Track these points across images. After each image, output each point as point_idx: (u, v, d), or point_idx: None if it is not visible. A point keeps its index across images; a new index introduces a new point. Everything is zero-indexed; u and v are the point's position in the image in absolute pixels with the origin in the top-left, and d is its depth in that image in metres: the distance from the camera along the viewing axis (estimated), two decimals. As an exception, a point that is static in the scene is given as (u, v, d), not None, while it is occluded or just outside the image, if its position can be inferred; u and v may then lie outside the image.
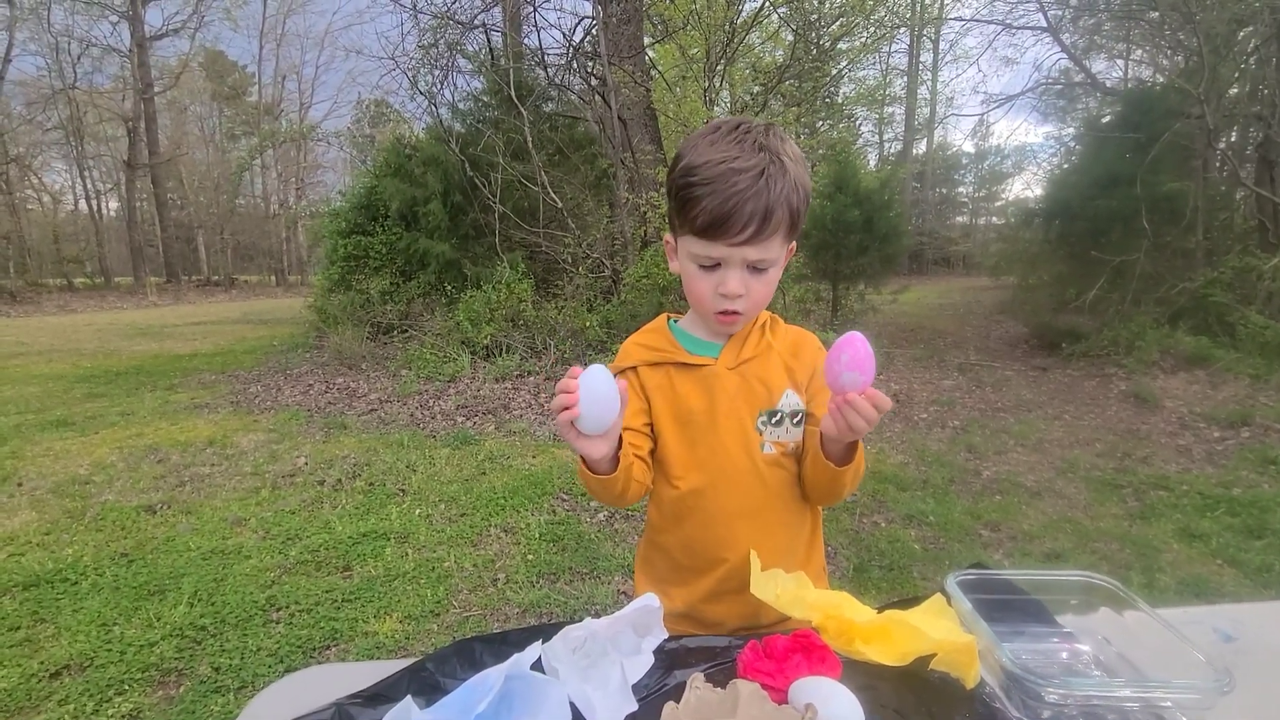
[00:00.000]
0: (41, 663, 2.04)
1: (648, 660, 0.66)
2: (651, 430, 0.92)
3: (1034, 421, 4.70)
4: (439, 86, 7.29)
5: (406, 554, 2.77)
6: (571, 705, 0.58)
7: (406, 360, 6.31)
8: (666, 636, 0.71)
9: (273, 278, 26.40)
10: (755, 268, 0.80)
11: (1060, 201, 7.35)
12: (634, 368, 0.92)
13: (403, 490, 3.49)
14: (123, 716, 1.82)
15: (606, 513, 3.17)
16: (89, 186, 22.84)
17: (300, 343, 8.11)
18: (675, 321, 0.95)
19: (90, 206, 23.03)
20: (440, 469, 3.80)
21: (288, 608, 2.35)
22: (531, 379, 5.66)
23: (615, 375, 0.72)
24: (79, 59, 19.85)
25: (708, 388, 0.88)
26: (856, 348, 0.66)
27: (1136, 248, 6.24)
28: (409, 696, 0.55)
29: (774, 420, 0.88)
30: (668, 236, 0.89)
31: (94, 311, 15.21)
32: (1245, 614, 0.77)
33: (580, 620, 0.67)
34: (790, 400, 0.89)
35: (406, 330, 6.95)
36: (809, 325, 6.49)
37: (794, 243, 0.86)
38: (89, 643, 2.13)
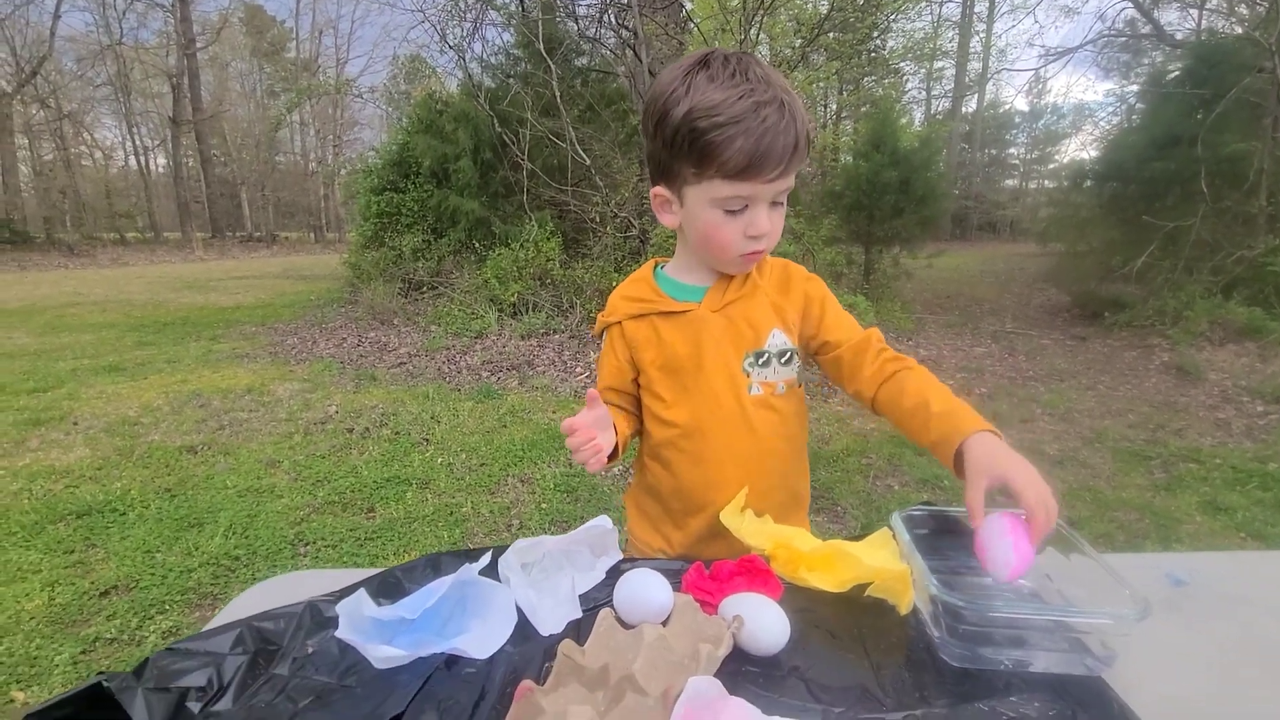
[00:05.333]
0: (92, 582, 2.22)
1: (599, 577, 0.70)
2: (635, 381, 0.94)
3: (1065, 391, 4.58)
4: (468, 40, 7.22)
5: (427, 499, 2.89)
6: (520, 611, 0.62)
7: (436, 316, 6.44)
8: (621, 558, 0.74)
9: (311, 234, 27.02)
10: (775, 202, 0.79)
11: (1115, 163, 6.97)
12: (619, 323, 0.92)
13: (426, 440, 3.62)
14: (163, 632, 1.98)
15: (621, 466, 3.23)
16: (137, 143, 23.51)
17: (336, 297, 8.33)
18: (662, 268, 0.94)
19: (139, 163, 23.75)
20: (463, 421, 3.92)
21: (314, 543, 2.49)
22: (556, 337, 5.73)
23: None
24: (124, 14, 20.22)
25: (693, 333, 0.87)
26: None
27: (1193, 213, 5.90)
28: (362, 590, 0.60)
29: (761, 361, 0.87)
30: (657, 189, 0.84)
31: (144, 265, 15.84)
32: (1202, 562, 0.77)
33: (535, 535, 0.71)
34: (777, 340, 0.87)
35: (437, 287, 7.07)
36: (839, 290, 6.36)
37: None
38: (134, 567, 2.31)
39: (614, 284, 6.19)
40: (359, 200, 8.14)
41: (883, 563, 0.64)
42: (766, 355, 0.87)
